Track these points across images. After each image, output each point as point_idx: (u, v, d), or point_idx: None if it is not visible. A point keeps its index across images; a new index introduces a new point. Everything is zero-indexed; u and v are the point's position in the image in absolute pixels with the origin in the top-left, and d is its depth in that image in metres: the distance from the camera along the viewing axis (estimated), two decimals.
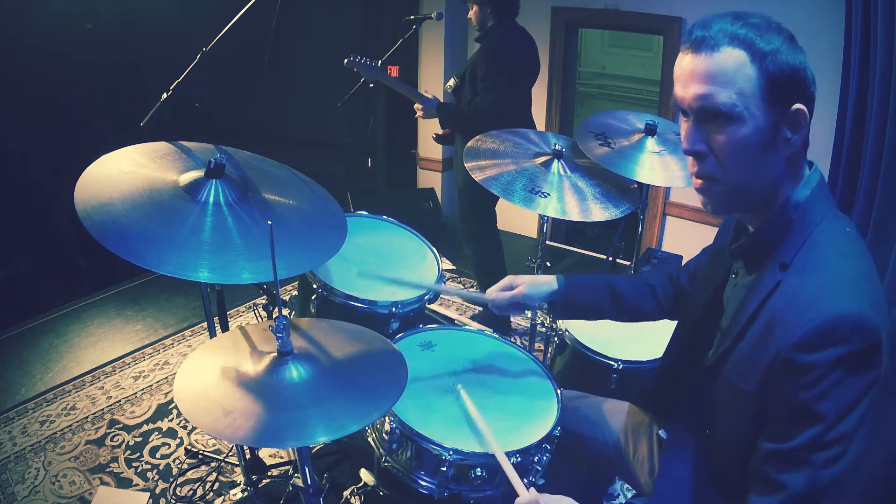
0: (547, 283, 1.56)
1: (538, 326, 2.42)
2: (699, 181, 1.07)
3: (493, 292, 1.59)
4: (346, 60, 2.95)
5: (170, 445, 2.47)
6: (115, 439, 2.50)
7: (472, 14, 2.99)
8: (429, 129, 4.42)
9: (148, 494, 2.21)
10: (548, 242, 2.64)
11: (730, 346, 1.10)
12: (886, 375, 0.97)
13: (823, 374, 0.93)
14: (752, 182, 1.04)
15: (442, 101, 3.04)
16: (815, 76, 1.01)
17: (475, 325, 1.87)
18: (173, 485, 2.26)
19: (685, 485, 1.23)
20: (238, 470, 2.27)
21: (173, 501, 2.19)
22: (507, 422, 1.51)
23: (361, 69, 2.96)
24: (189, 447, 2.43)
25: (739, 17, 0.99)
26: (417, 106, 3.03)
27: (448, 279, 3.85)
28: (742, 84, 0.97)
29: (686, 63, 1.02)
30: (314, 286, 1.85)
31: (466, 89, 2.96)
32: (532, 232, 4.53)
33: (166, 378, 2.88)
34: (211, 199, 1.41)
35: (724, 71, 0.97)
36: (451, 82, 3.09)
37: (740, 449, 1.09)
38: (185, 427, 2.56)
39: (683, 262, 2.98)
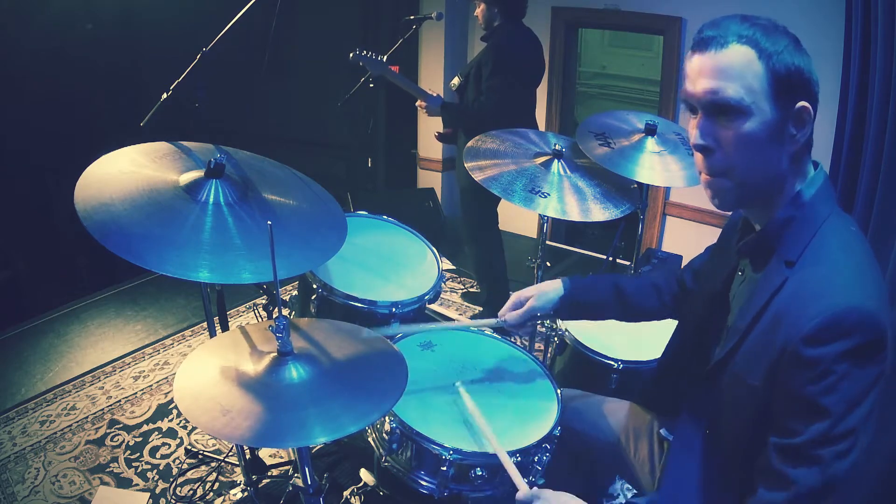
0: (553, 289, 1.55)
1: (538, 326, 2.41)
2: (707, 177, 1.09)
3: (506, 312, 1.58)
4: (351, 54, 2.93)
5: (170, 445, 2.47)
6: (115, 439, 2.50)
7: (479, 12, 2.99)
8: (429, 129, 4.42)
9: (148, 494, 2.21)
10: (548, 242, 2.64)
11: (737, 343, 1.11)
12: (893, 371, 0.98)
13: (829, 367, 0.94)
14: (759, 176, 1.06)
15: (445, 99, 3.03)
16: (818, 79, 1.03)
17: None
18: (173, 485, 2.26)
19: (692, 481, 1.23)
20: (238, 470, 2.27)
21: (173, 501, 2.19)
22: (507, 422, 1.51)
23: (367, 63, 2.94)
24: (189, 447, 2.43)
25: (747, 18, 1.02)
26: (420, 103, 3.03)
27: (448, 279, 3.86)
28: (750, 80, 1.00)
29: (695, 61, 1.05)
30: (314, 286, 1.85)
31: (470, 88, 2.97)
32: (532, 232, 4.53)
33: (166, 378, 2.88)
34: (211, 199, 1.41)
35: (733, 66, 1.00)
36: (456, 81, 3.09)
37: (746, 444, 1.10)
38: (185, 427, 2.56)
39: (684, 262, 2.97)
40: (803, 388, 0.96)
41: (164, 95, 1.81)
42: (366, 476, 1.88)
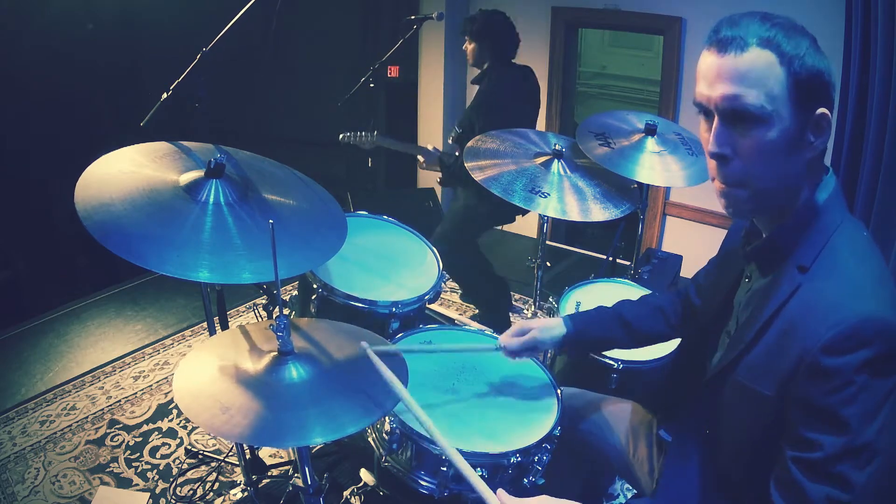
0: (556, 325, 1.53)
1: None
2: (722, 186, 1.05)
3: (506, 338, 1.56)
4: (340, 136, 3.02)
5: (170, 445, 2.47)
6: (115, 439, 2.50)
7: (468, 50, 2.99)
8: (429, 129, 4.42)
9: (148, 494, 2.21)
10: (548, 242, 2.64)
11: (743, 350, 1.08)
12: None
13: (850, 378, 0.92)
14: (776, 186, 1.03)
15: (444, 149, 3.05)
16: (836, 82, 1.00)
17: (475, 325, 1.86)
18: (173, 485, 2.26)
19: (690, 484, 1.22)
20: (238, 470, 2.27)
21: (173, 501, 2.19)
22: (507, 422, 1.51)
23: (358, 142, 3.02)
24: (189, 447, 2.43)
25: (767, 17, 0.97)
26: (420, 158, 3.04)
27: (448, 279, 3.86)
28: (771, 85, 0.95)
29: (712, 62, 0.99)
30: (314, 286, 1.85)
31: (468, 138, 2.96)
32: (532, 232, 4.52)
33: (166, 378, 2.88)
34: (211, 199, 1.41)
35: (754, 71, 0.95)
36: (454, 133, 3.08)
37: (748, 451, 1.09)
38: (185, 427, 2.56)
39: (684, 262, 2.97)
40: (822, 399, 0.94)
41: (165, 95, 1.81)
42: (366, 476, 1.88)
